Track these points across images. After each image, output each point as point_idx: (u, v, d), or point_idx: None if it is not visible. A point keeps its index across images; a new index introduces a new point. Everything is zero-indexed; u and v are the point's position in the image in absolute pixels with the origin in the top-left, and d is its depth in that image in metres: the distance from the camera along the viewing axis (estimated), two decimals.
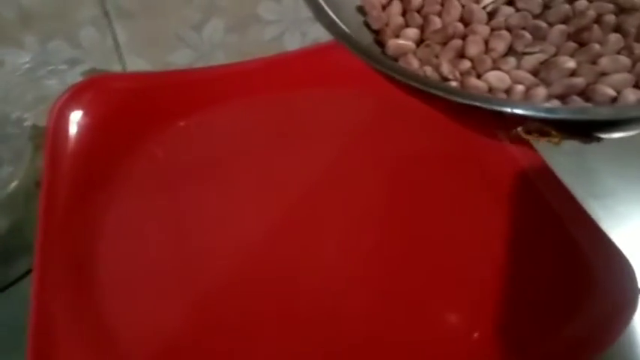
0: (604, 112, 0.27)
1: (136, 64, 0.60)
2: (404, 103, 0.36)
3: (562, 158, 0.46)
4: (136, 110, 0.52)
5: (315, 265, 0.44)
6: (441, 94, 0.28)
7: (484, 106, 0.28)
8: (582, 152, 0.51)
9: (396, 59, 0.35)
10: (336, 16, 0.34)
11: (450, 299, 0.42)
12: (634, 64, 0.33)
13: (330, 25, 0.32)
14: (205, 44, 0.60)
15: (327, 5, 0.34)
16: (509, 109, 0.27)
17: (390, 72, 0.29)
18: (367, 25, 0.38)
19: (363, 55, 0.31)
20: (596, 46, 0.34)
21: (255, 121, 0.54)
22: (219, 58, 0.61)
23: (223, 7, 0.59)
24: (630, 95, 0.32)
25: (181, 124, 0.53)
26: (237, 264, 0.45)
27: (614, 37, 0.34)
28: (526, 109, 0.28)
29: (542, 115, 0.27)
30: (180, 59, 0.60)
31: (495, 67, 0.35)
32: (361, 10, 0.38)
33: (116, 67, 0.59)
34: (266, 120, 0.54)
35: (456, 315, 0.42)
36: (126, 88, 0.53)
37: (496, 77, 0.34)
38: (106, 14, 0.56)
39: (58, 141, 0.49)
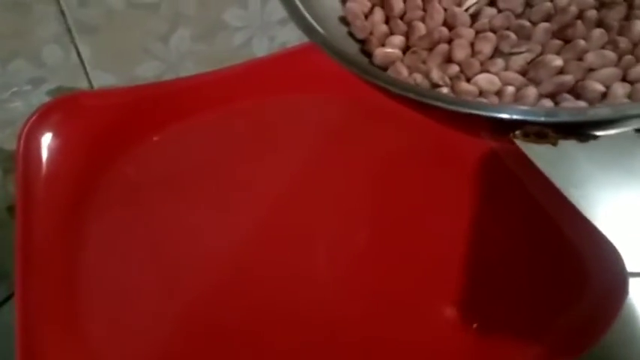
0: (605, 112, 0.28)
1: (103, 79, 0.59)
2: (378, 104, 0.36)
3: (538, 148, 0.47)
4: (107, 128, 0.52)
5: (304, 269, 0.45)
6: (440, 104, 0.28)
7: (485, 114, 0.28)
8: (557, 144, 0.52)
9: (384, 68, 0.36)
10: (321, 28, 0.34)
11: (445, 293, 0.43)
12: (620, 58, 0.34)
13: (323, 42, 0.32)
14: (173, 55, 0.60)
15: (314, 20, 0.34)
16: (510, 116, 0.28)
17: (389, 86, 0.29)
18: (352, 35, 0.38)
19: (360, 70, 0.31)
20: (581, 42, 0.34)
21: (230, 131, 0.54)
22: (189, 68, 0.61)
23: (189, 16, 0.58)
24: (619, 89, 0.32)
25: (155, 138, 0.53)
26: (223, 274, 0.45)
27: (598, 32, 0.35)
28: (527, 115, 0.28)
29: (544, 119, 0.28)
30: (148, 72, 0.60)
31: (484, 70, 0.35)
32: (344, 20, 0.38)
33: (82, 84, 0.58)
34: (241, 128, 0.54)
35: (452, 308, 0.42)
36: (96, 106, 0.52)
37: (486, 80, 0.34)
38: (68, 30, 0.55)
39: (29, 165, 0.48)
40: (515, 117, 0.28)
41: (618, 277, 0.40)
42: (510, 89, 0.34)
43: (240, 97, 0.55)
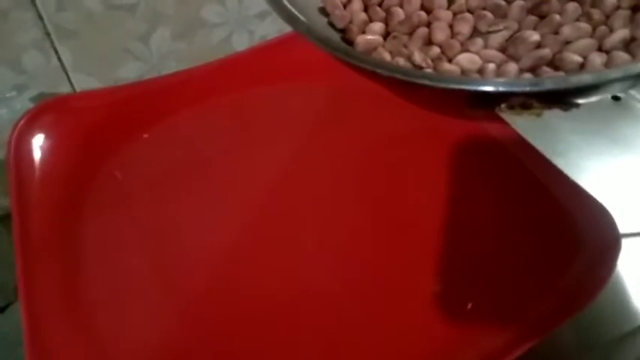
0: (588, 78, 0.29)
1: (85, 82, 0.60)
2: (360, 88, 0.38)
3: (524, 123, 0.48)
4: (97, 127, 0.53)
5: (297, 261, 0.46)
6: (428, 82, 0.30)
7: (472, 88, 0.30)
8: (542, 114, 0.53)
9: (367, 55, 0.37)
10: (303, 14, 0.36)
11: (437, 275, 0.44)
12: (594, 29, 0.36)
13: (307, 31, 0.34)
14: (154, 55, 0.61)
15: (296, 10, 0.35)
16: (497, 88, 0.29)
17: (377, 69, 0.31)
18: (332, 25, 0.39)
19: (347, 55, 0.32)
20: (557, 17, 0.36)
21: (217, 125, 0.55)
22: (171, 67, 0.62)
23: (168, 15, 0.59)
24: (597, 59, 0.34)
25: (145, 136, 0.54)
26: (218, 268, 0.46)
27: (572, 6, 0.36)
28: (512, 86, 0.30)
29: (529, 89, 0.29)
30: (130, 73, 0.61)
31: (464, 50, 0.37)
32: (323, 11, 0.40)
33: (64, 89, 0.59)
34: (228, 122, 0.55)
35: (445, 289, 0.43)
36: (85, 106, 0.54)
37: (467, 59, 0.36)
38: (48, 35, 0.56)
39: (22, 168, 0.49)
40: (501, 89, 0.30)
41: (612, 238, 0.41)
42: (491, 66, 0.35)
43: (224, 91, 0.56)
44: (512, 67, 0.35)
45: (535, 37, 0.35)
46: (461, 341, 0.40)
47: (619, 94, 0.52)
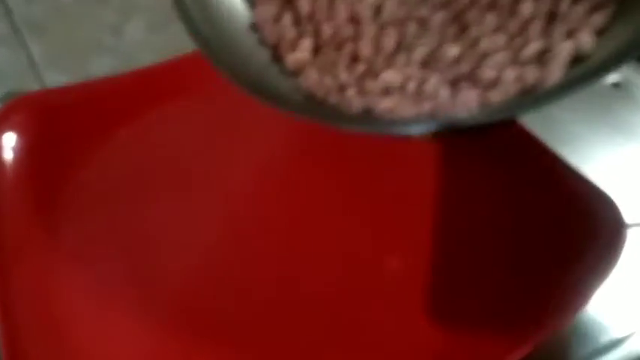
0: (474, 118, 0.34)
1: (56, 79, 0.62)
2: None
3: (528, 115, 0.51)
4: (71, 125, 0.55)
5: (284, 261, 0.49)
6: (326, 122, 0.34)
7: (370, 130, 0.34)
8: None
9: (296, 74, 0.40)
10: (228, 38, 0.40)
11: (432, 278, 0.46)
12: (512, 40, 0.38)
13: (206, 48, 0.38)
14: (128, 48, 0.63)
15: (214, 31, 0.39)
16: (397, 130, 0.34)
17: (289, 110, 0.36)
18: (263, 42, 0.42)
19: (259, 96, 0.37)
20: (474, 29, 0.39)
21: (196, 119, 0.58)
22: (146, 60, 0.62)
23: (142, 5, 0.62)
24: (510, 74, 0.37)
25: (121, 133, 0.56)
26: (199, 270, 0.49)
27: (490, 16, 0.39)
28: (408, 128, 0.34)
29: (420, 130, 0.34)
30: (104, 67, 0.63)
31: (388, 66, 0.40)
32: (254, 27, 0.43)
33: (34, 86, 0.61)
34: (207, 116, 0.58)
35: (440, 292, 0.46)
36: (57, 104, 0.56)
37: (390, 76, 0.39)
38: (17, 31, 0.59)
39: None
40: (402, 132, 0.34)
41: (616, 226, 0.44)
42: (412, 84, 0.38)
43: (204, 83, 0.56)
44: (432, 83, 0.38)
45: (453, 51, 0.38)
46: (456, 345, 0.43)
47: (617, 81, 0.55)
